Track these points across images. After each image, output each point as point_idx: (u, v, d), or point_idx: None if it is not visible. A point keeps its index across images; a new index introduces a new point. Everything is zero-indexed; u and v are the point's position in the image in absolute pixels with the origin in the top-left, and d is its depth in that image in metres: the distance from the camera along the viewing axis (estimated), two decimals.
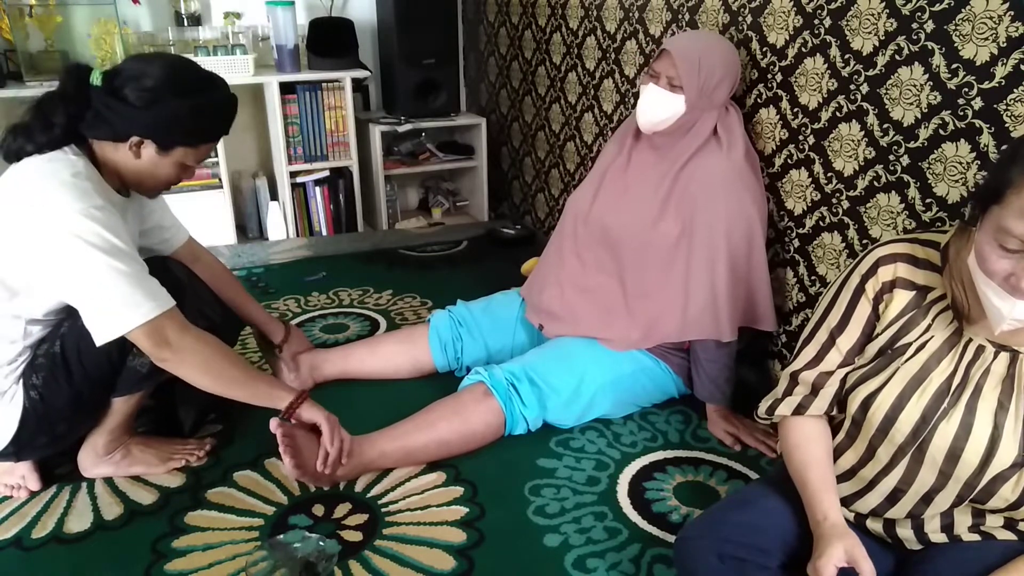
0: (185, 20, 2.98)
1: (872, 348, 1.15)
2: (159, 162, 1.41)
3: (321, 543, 1.37)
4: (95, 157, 1.39)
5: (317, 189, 3.14)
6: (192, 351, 1.37)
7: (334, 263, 2.89)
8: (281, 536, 1.40)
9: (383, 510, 1.52)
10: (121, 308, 1.29)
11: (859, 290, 1.14)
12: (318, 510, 1.52)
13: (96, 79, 1.35)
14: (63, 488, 1.57)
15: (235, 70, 2.87)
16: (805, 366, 1.21)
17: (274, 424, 1.46)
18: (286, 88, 2.95)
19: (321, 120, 3.04)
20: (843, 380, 1.18)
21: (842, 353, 1.17)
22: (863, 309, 1.14)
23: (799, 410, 1.21)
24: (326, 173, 3.14)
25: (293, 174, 3.09)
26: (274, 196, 3.20)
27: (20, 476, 1.54)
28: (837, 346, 1.17)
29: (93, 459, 1.58)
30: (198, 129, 1.42)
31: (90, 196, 1.30)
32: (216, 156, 2.91)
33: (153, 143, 1.38)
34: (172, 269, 1.53)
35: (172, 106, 1.35)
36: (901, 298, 1.11)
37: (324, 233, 3.21)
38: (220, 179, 2.94)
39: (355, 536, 1.45)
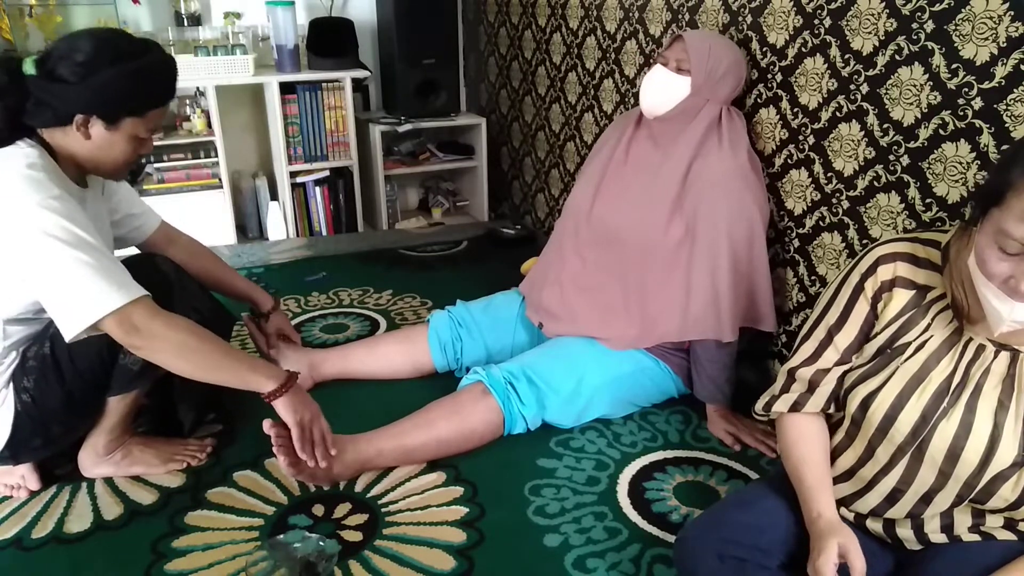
0: (185, 20, 2.98)
1: (871, 347, 1.15)
2: (110, 138, 1.37)
3: (321, 543, 1.37)
4: (50, 148, 1.37)
5: (317, 189, 3.14)
6: (163, 336, 1.33)
7: (334, 263, 2.89)
8: (281, 536, 1.40)
9: (383, 510, 1.52)
10: (86, 299, 1.27)
11: (858, 288, 1.15)
12: (318, 510, 1.52)
13: (29, 68, 1.32)
14: (63, 488, 1.57)
15: (235, 70, 2.88)
16: (803, 363, 1.22)
17: (267, 424, 1.45)
18: (286, 88, 2.95)
19: (321, 120, 3.04)
20: (840, 378, 1.19)
21: (839, 351, 1.17)
22: (861, 308, 1.15)
23: (795, 407, 1.21)
24: (326, 173, 3.14)
25: (293, 174, 3.09)
26: (274, 196, 3.21)
27: (20, 476, 1.54)
28: (834, 344, 1.18)
29: (93, 459, 1.58)
30: (140, 95, 1.37)
31: (46, 187, 1.28)
32: (216, 156, 2.91)
33: (99, 119, 1.35)
34: (160, 266, 1.53)
35: (108, 75, 1.31)
36: (901, 297, 1.11)
37: (324, 233, 3.21)
38: (220, 179, 2.95)
39: (355, 536, 1.45)
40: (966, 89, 1.36)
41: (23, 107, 1.33)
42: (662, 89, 1.73)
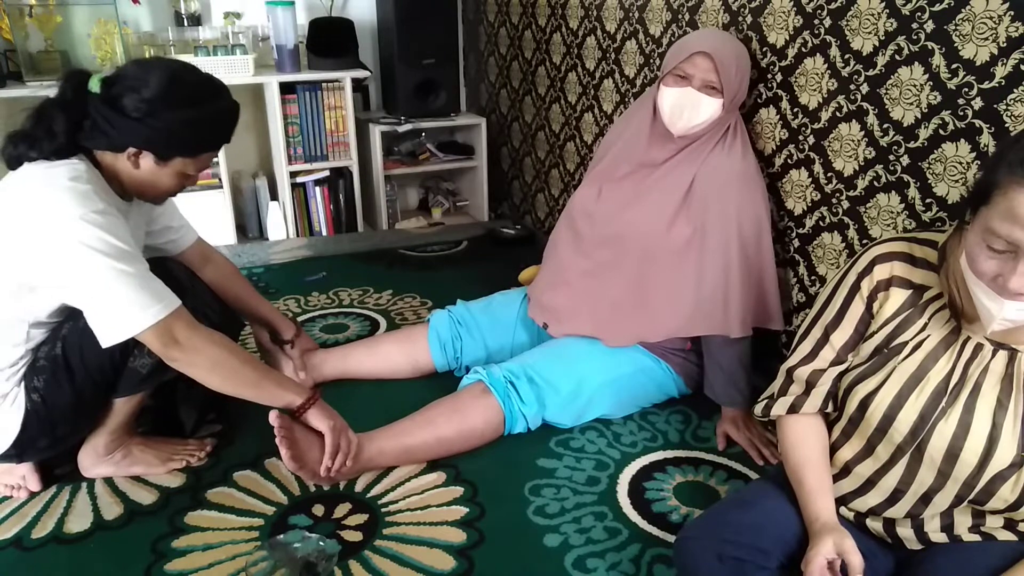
0: (185, 20, 2.98)
1: (868, 347, 1.15)
2: (158, 172, 1.40)
3: (321, 543, 1.37)
4: (97, 163, 1.39)
5: (317, 189, 3.14)
6: (202, 350, 1.37)
7: (334, 263, 2.89)
8: (281, 536, 1.40)
9: (383, 510, 1.52)
10: (129, 311, 1.29)
11: (855, 288, 1.15)
12: (318, 510, 1.52)
13: (95, 86, 1.34)
14: (63, 488, 1.57)
15: (235, 70, 2.87)
16: (800, 362, 1.22)
17: (273, 416, 1.46)
18: (286, 88, 2.95)
19: (321, 120, 3.04)
20: (836, 378, 1.19)
21: (835, 350, 1.18)
22: (857, 307, 1.15)
23: (792, 409, 1.22)
24: (326, 173, 3.14)
25: (293, 174, 3.09)
26: (274, 196, 3.21)
27: (20, 476, 1.54)
28: (831, 343, 1.18)
29: (93, 459, 1.58)
30: (196, 140, 1.40)
31: (91, 200, 1.29)
32: (216, 156, 2.90)
33: (151, 153, 1.37)
34: (172, 270, 1.53)
35: (169, 118, 1.33)
36: (897, 297, 1.11)
37: (324, 233, 3.21)
38: (220, 179, 2.95)
39: (355, 536, 1.45)
40: (966, 89, 1.36)
41: (81, 124, 1.34)
42: (693, 113, 1.70)
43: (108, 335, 1.31)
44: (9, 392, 1.41)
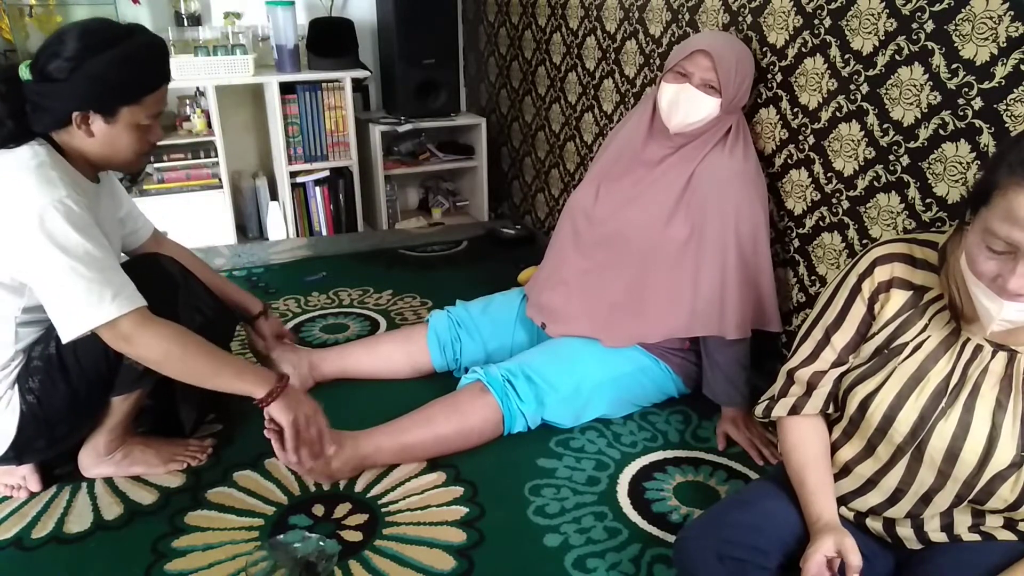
0: (185, 20, 2.98)
1: (869, 347, 1.15)
2: (112, 132, 1.37)
3: (321, 543, 1.37)
4: (61, 149, 1.37)
5: (317, 189, 3.14)
6: (150, 346, 1.34)
7: (334, 263, 2.89)
8: (281, 536, 1.40)
9: (383, 510, 1.52)
10: (83, 308, 1.28)
11: (855, 289, 1.15)
12: (318, 510, 1.52)
13: (24, 73, 1.33)
14: (63, 488, 1.57)
15: (235, 70, 2.88)
16: (801, 363, 1.22)
17: (267, 424, 1.46)
18: (286, 88, 2.96)
19: (321, 120, 3.04)
20: (837, 379, 1.19)
21: (836, 351, 1.18)
22: (858, 309, 1.15)
23: (793, 411, 1.22)
24: (326, 173, 3.15)
25: (293, 174, 3.09)
26: (274, 196, 3.21)
27: (21, 477, 1.54)
28: (832, 344, 1.18)
29: (94, 459, 1.58)
30: (129, 82, 1.36)
31: (56, 187, 1.28)
32: (216, 156, 2.91)
33: (96, 113, 1.34)
34: (165, 266, 1.53)
35: (95, 66, 1.31)
36: (898, 298, 1.11)
37: (324, 233, 3.21)
38: (220, 179, 2.95)
39: (355, 536, 1.45)
40: (966, 89, 1.36)
41: (24, 112, 1.33)
42: (694, 110, 1.70)
43: (64, 331, 1.30)
44: (3, 395, 1.41)
